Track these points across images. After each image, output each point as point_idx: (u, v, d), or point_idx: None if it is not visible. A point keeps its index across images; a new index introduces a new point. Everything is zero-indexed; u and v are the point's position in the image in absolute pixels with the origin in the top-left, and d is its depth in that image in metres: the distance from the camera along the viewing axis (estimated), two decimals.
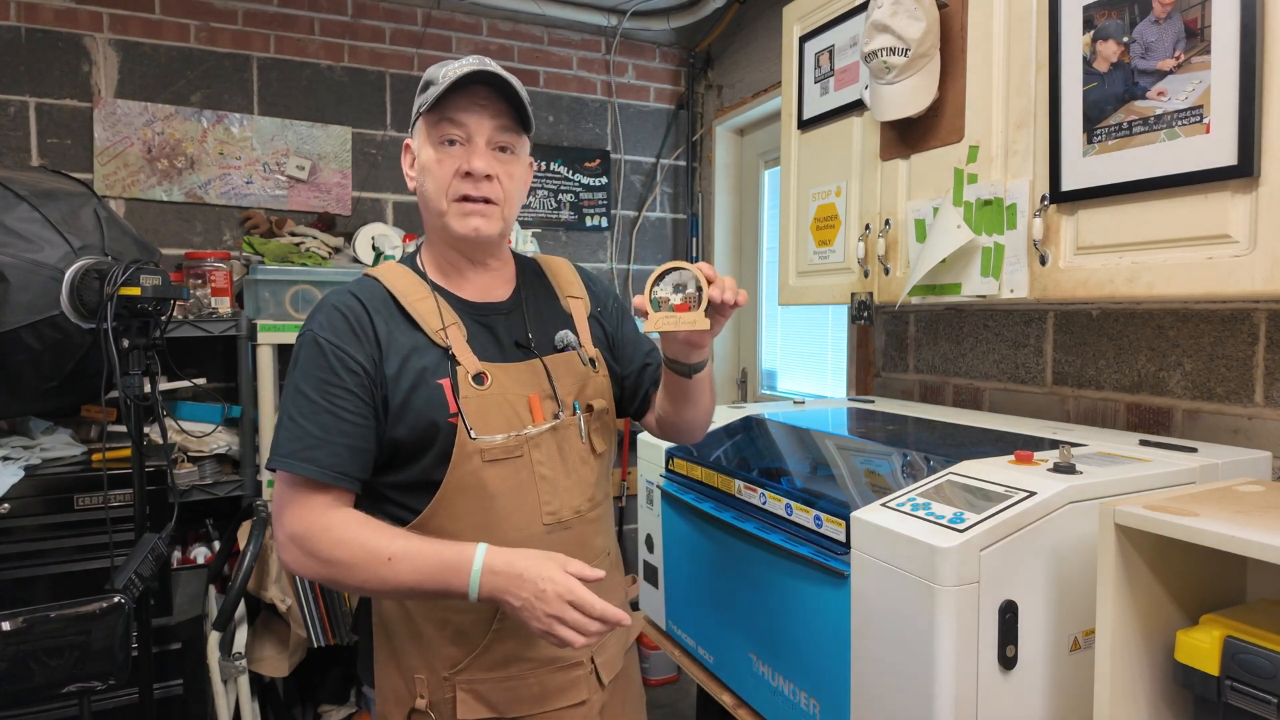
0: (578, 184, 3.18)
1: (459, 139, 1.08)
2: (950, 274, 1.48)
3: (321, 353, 1.04)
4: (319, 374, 1.03)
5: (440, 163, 1.08)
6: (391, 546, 0.98)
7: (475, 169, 1.07)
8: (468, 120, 1.07)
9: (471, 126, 1.08)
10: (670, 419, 1.26)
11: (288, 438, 1.02)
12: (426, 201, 1.11)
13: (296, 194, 2.74)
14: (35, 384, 1.83)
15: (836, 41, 1.81)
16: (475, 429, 1.05)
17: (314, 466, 1.00)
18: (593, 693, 1.15)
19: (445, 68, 1.09)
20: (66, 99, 2.46)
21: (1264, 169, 1.03)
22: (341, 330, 1.05)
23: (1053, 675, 1.04)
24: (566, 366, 1.17)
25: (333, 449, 1.01)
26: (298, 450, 1.00)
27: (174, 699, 2.01)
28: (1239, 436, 1.38)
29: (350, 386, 1.03)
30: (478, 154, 1.08)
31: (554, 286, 1.26)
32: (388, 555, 0.97)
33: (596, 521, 1.19)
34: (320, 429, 1.01)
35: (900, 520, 1.05)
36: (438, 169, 1.08)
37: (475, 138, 1.08)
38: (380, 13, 2.85)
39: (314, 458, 1.00)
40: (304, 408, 1.02)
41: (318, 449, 1.01)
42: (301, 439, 1.01)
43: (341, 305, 1.08)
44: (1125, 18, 1.17)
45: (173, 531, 1.80)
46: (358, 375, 1.04)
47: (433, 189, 1.09)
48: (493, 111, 1.09)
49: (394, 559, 0.97)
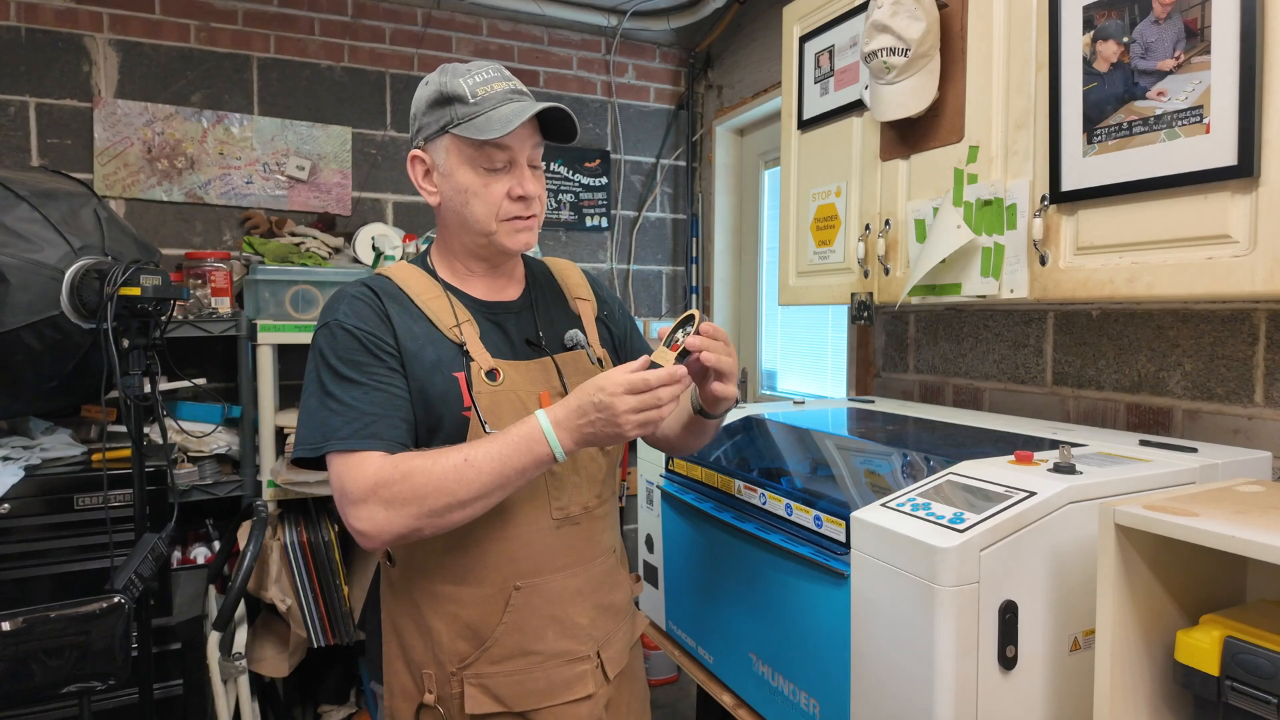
0: (578, 184, 3.18)
1: (504, 164, 1.09)
2: (950, 274, 1.48)
3: (355, 338, 1.05)
4: (357, 358, 1.05)
5: (488, 187, 1.09)
6: (461, 452, 0.99)
7: (530, 193, 1.10)
8: (513, 144, 1.09)
9: (515, 150, 1.09)
10: (671, 440, 1.29)
11: (348, 419, 1.01)
12: (470, 223, 1.12)
13: (296, 194, 2.74)
14: (35, 384, 1.83)
15: (836, 41, 1.81)
16: (489, 424, 1.07)
17: (380, 441, 1.01)
18: (599, 687, 1.16)
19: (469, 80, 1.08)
20: (66, 99, 2.46)
21: (1264, 169, 1.03)
22: (367, 316, 1.08)
23: (1053, 675, 1.04)
24: (575, 365, 1.19)
25: (391, 423, 1.03)
26: (359, 430, 1.01)
27: (174, 699, 2.01)
28: (1239, 436, 1.38)
29: (393, 365, 1.06)
30: (528, 178, 1.11)
31: (562, 288, 1.29)
32: (462, 459, 0.98)
33: (604, 518, 1.21)
34: (377, 406, 1.03)
35: (900, 520, 1.05)
36: (487, 193, 1.09)
37: (519, 158, 1.10)
38: (380, 13, 2.85)
39: (377, 432, 1.01)
40: (353, 392, 1.03)
41: (377, 423, 1.02)
42: (361, 418, 1.01)
43: (360, 295, 1.10)
44: (1125, 18, 1.17)
45: (173, 531, 1.80)
46: (394, 355, 1.06)
47: (482, 213, 1.10)
48: (531, 129, 1.10)
49: (469, 459, 0.98)
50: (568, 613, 1.14)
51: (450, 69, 1.11)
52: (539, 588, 1.12)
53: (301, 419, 1.06)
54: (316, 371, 1.06)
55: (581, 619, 1.15)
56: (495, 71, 1.11)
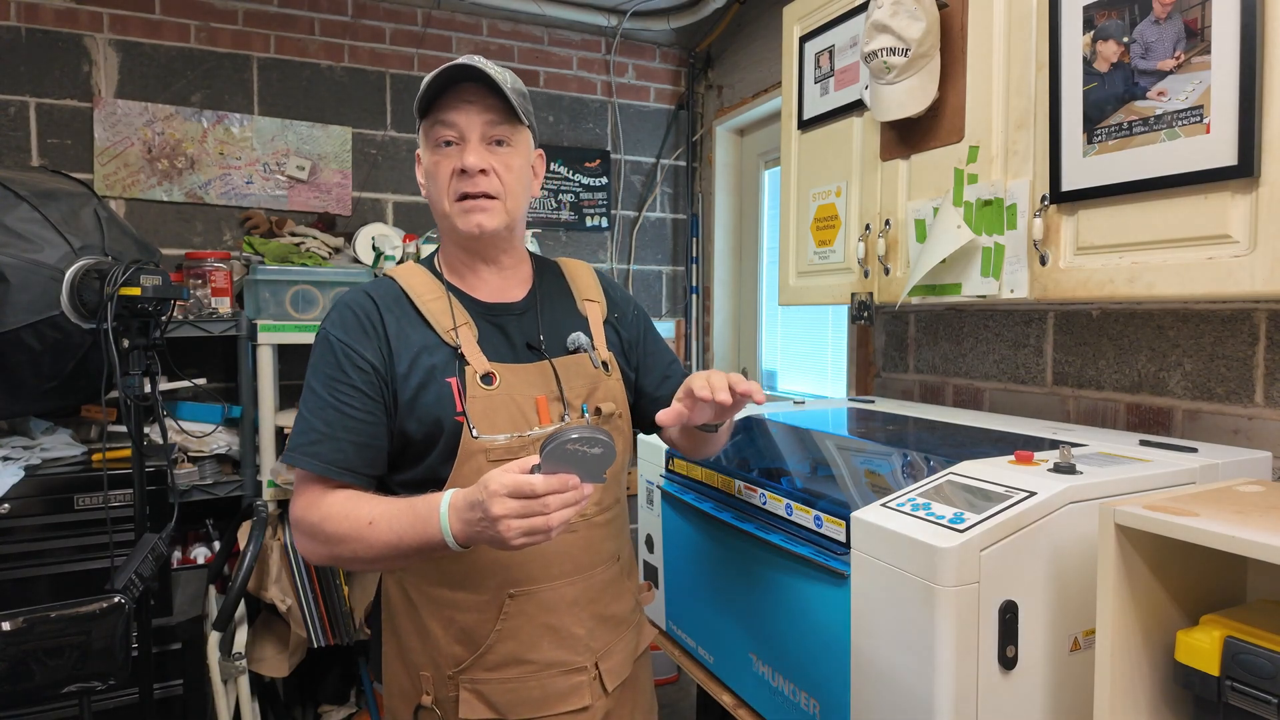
0: (578, 184, 3.18)
1: (454, 139, 1.09)
2: (950, 274, 1.48)
3: (331, 350, 1.07)
4: (328, 371, 1.06)
5: (438, 164, 1.10)
6: (373, 511, 0.99)
7: (468, 165, 1.08)
8: (458, 119, 1.08)
9: (462, 125, 1.08)
10: (685, 446, 1.30)
11: (298, 432, 1.05)
12: (433, 204, 1.13)
13: (296, 194, 2.74)
14: (35, 384, 1.83)
15: (836, 41, 1.81)
16: (481, 429, 1.06)
17: (317, 461, 1.03)
18: (596, 699, 1.14)
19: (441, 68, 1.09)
20: (67, 99, 2.45)
21: (1264, 169, 1.03)
22: (352, 328, 1.08)
23: (1053, 675, 1.04)
24: (577, 369, 1.17)
25: (336, 444, 1.03)
26: (303, 445, 1.04)
27: (174, 699, 2.00)
28: (1239, 436, 1.38)
29: (358, 384, 1.05)
30: (470, 150, 1.09)
31: (571, 289, 1.27)
32: (368, 520, 0.98)
33: (604, 526, 1.18)
34: (326, 425, 1.04)
35: (900, 520, 1.05)
36: (436, 171, 1.10)
37: (468, 135, 1.09)
38: (380, 13, 2.85)
39: (317, 453, 1.03)
40: (313, 404, 1.06)
41: (321, 444, 1.03)
42: (308, 434, 1.04)
43: (354, 304, 1.11)
44: (1125, 18, 1.17)
45: (173, 531, 1.80)
46: (366, 373, 1.06)
47: (435, 191, 1.11)
48: (481, 107, 1.09)
49: (374, 522, 0.98)
50: (563, 622, 1.11)
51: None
52: (534, 596, 1.10)
53: None
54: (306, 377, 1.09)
55: (578, 629, 1.13)
56: (466, 58, 1.08)
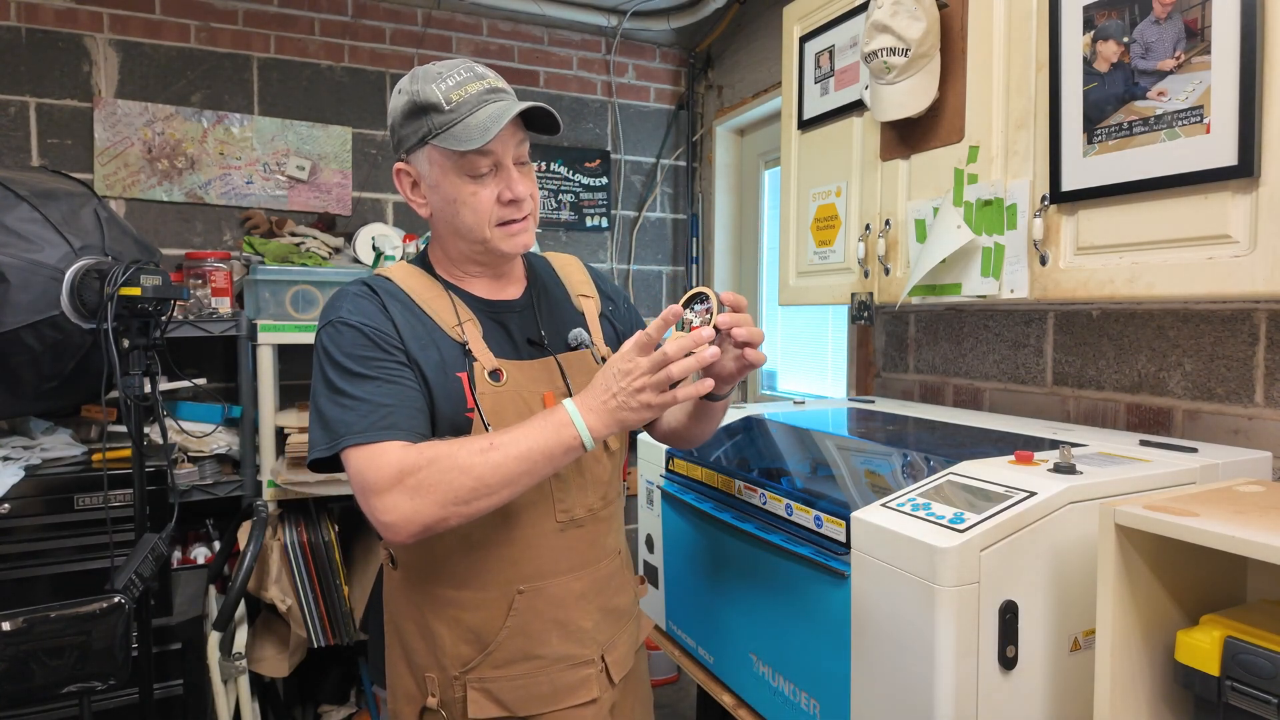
0: (578, 184, 3.18)
1: (489, 168, 1.05)
2: (950, 274, 1.48)
3: (361, 333, 1.03)
4: (363, 353, 1.02)
5: (477, 194, 1.06)
6: (486, 438, 0.97)
7: (520, 195, 1.07)
8: (495, 148, 1.04)
9: (499, 153, 1.05)
10: (679, 430, 1.27)
11: (360, 415, 0.98)
12: (463, 232, 1.09)
13: (297, 194, 2.74)
14: (35, 384, 1.83)
15: (836, 42, 1.81)
16: (492, 425, 1.05)
17: (399, 431, 0.98)
18: (603, 691, 1.15)
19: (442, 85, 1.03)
20: (67, 99, 2.45)
21: (1264, 169, 1.03)
22: (371, 312, 1.06)
23: (1053, 675, 1.04)
24: (580, 364, 1.17)
25: (408, 413, 1.00)
26: (376, 423, 0.98)
27: (174, 699, 2.01)
28: (1239, 437, 1.38)
29: (400, 359, 1.04)
30: (515, 180, 1.07)
31: (565, 285, 1.26)
32: (488, 443, 0.95)
33: (608, 520, 1.19)
34: (391, 398, 1.00)
35: (900, 520, 1.05)
36: (476, 201, 1.06)
37: (504, 161, 1.06)
38: (380, 13, 2.85)
39: (395, 423, 0.98)
40: (364, 386, 1.00)
41: (394, 414, 0.99)
42: (376, 411, 0.99)
43: (361, 292, 1.09)
44: (1125, 18, 1.17)
45: (173, 531, 1.80)
46: (401, 350, 1.05)
47: (473, 221, 1.07)
48: (513, 128, 1.06)
49: (494, 444, 0.95)
50: (571, 616, 1.12)
51: (421, 74, 1.05)
52: (542, 591, 1.10)
53: (313, 420, 1.03)
54: (323, 371, 1.03)
55: (585, 623, 1.14)
56: (468, 72, 1.05)
